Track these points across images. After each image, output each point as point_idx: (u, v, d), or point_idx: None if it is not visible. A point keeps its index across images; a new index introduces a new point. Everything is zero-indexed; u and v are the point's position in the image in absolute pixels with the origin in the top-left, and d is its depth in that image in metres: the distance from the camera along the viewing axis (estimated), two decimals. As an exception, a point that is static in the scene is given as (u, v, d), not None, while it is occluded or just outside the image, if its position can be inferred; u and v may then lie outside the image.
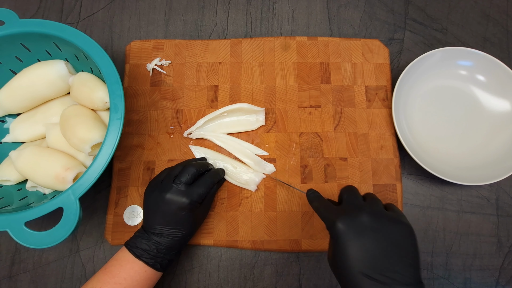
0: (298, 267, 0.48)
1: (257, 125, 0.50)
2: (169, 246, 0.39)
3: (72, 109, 0.44)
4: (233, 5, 0.57)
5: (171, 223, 0.39)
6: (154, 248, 0.38)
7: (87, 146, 0.41)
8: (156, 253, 0.38)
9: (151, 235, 0.39)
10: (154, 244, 0.38)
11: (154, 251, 0.38)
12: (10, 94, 0.45)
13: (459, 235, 0.50)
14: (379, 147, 0.51)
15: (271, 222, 0.48)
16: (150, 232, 0.39)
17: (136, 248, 0.38)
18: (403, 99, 0.52)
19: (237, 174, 0.49)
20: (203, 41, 0.54)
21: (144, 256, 0.38)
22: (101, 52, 0.40)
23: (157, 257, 0.38)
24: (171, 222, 0.39)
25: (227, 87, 0.52)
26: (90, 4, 0.57)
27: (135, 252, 0.38)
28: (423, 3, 0.58)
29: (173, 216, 0.39)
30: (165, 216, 0.39)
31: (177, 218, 0.39)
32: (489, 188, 0.52)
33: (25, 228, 0.36)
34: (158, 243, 0.39)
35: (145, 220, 0.41)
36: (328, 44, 0.54)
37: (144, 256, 0.38)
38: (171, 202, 0.39)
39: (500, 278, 0.48)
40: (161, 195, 0.39)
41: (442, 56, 0.52)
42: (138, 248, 0.38)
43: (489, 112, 0.53)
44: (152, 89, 0.52)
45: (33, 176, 0.42)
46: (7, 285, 0.47)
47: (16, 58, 0.46)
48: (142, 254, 0.38)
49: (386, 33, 0.57)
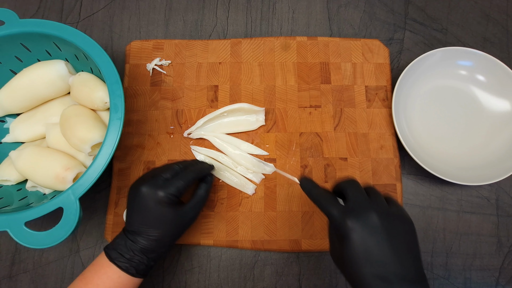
0: (298, 267, 0.48)
1: (257, 125, 0.50)
2: (144, 248, 0.36)
3: (72, 109, 0.44)
4: (233, 5, 0.57)
5: (146, 220, 0.36)
6: (129, 250, 0.35)
7: (87, 146, 0.41)
8: (132, 255, 0.35)
9: (128, 235, 0.36)
10: (129, 246, 0.36)
11: (129, 253, 0.35)
12: (10, 94, 0.45)
13: (459, 235, 0.50)
14: (379, 147, 0.51)
15: (271, 222, 0.48)
16: (128, 231, 0.37)
17: (112, 250, 0.36)
18: (403, 99, 0.52)
19: (237, 175, 0.49)
20: (203, 41, 0.54)
21: (118, 259, 0.35)
22: (101, 52, 0.40)
23: (132, 260, 0.35)
24: (146, 219, 0.36)
25: (227, 87, 0.52)
26: (90, 4, 0.57)
27: (110, 255, 0.35)
28: (423, 3, 0.58)
29: (149, 212, 0.36)
30: (141, 211, 0.36)
31: (153, 214, 0.36)
32: (489, 188, 0.52)
33: (25, 228, 0.36)
34: (133, 243, 0.36)
35: (126, 219, 0.38)
36: (328, 44, 0.54)
37: (118, 260, 0.35)
38: (147, 196, 0.36)
39: (500, 278, 0.48)
40: (138, 189, 0.37)
41: (442, 56, 0.52)
42: (114, 251, 0.36)
43: (489, 112, 0.53)
44: (152, 89, 0.52)
45: (33, 176, 0.42)
46: (7, 285, 0.47)
47: (16, 58, 0.46)
48: (117, 257, 0.35)
49: (386, 33, 0.57)
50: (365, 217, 0.30)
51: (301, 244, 0.47)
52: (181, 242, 0.47)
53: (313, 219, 0.48)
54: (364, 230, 0.29)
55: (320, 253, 0.48)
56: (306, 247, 0.47)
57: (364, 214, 0.30)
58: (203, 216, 0.48)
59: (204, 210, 0.48)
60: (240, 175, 0.49)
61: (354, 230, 0.29)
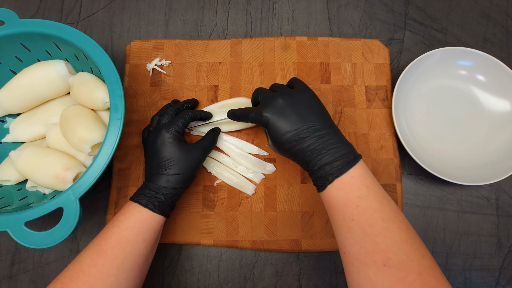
0: (298, 267, 0.48)
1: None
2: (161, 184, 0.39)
3: (72, 109, 0.44)
4: (233, 5, 0.57)
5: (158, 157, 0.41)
6: (149, 189, 0.39)
7: (87, 146, 0.41)
8: (151, 193, 0.39)
9: (148, 180, 0.41)
10: (149, 186, 0.39)
11: (149, 192, 0.39)
12: (10, 94, 0.45)
13: (459, 235, 0.50)
14: (379, 147, 0.51)
15: (271, 222, 0.48)
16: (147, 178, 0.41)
17: (136, 194, 0.40)
18: (403, 99, 0.52)
19: (237, 175, 0.49)
20: (203, 41, 0.54)
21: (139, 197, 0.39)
22: (101, 52, 0.40)
23: (151, 197, 0.39)
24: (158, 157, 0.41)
25: (227, 87, 0.52)
26: (90, 4, 0.57)
27: (133, 197, 0.39)
28: (423, 3, 0.58)
29: (158, 151, 0.41)
30: (153, 154, 0.41)
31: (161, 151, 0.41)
32: (489, 188, 0.52)
33: (25, 228, 0.36)
34: (151, 183, 0.40)
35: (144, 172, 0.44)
36: (328, 44, 0.54)
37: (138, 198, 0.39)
38: (154, 139, 0.42)
39: (500, 278, 0.48)
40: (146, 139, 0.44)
41: (442, 56, 0.52)
42: (136, 193, 0.40)
43: (489, 112, 0.53)
44: (152, 89, 0.52)
45: (33, 176, 0.42)
46: (7, 285, 0.47)
47: (16, 58, 0.46)
48: (138, 197, 0.39)
49: (386, 33, 0.57)
50: (272, 104, 0.38)
51: (301, 244, 0.47)
52: (181, 242, 0.47)
53: (313, 219, 0.48)
54: (275, 113, 0.38)
55: (320, 253, 0.48)
56: (306, 247, 0.47)
57: (271, 103, 0.39)
58: (203, 216, 0.48)
59: (204, 210, 0.48)
60: (240, 175, 0.49)
61: (268, 117, 0.38)
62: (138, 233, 0.37)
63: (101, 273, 0.34)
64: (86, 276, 0.33)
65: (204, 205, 0.48)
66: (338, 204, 0.34)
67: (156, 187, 0.39)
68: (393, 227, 0.31)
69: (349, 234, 0.32)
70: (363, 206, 0.32)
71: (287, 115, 0.37)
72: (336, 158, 0.34)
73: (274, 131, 0.38)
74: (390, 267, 0.29)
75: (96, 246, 0.36)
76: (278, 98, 0.39)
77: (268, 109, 0.38)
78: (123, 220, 0.37)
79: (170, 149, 0.41)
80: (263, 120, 0.38)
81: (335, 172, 0.34)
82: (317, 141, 0.36)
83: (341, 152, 0.35)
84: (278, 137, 0.37)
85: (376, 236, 0.31)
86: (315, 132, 0.36)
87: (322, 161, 0.35)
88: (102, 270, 0.34)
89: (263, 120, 0.38)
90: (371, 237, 0.31)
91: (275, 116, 0.38)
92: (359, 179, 0.34)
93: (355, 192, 0.33)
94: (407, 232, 0.31)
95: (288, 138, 0.37)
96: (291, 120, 0.37)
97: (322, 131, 0.36)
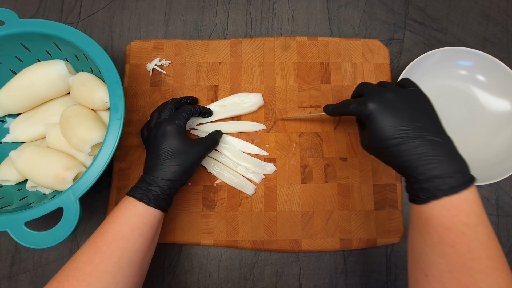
0: (298, 267, 0.48)
1: (259, 127, 0.51)
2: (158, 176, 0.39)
3: (72, 109, 0.44)
4: (233, 5, 0.57)
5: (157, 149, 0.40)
6: (145, 184, 0.38)
7: (87, 146, 0.41)
8: (147, 186, 0.38)
9: (145, 176, 0.40)
10: (145, 179, 0.39)
11: (145, 186, 0.38)
12: (10, 94, 0.45)
13: (459, 235, 0.50)
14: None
15: (271, 222, 0.48)
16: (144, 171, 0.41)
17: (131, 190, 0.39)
18: (403, 99, 0.52)
19: (237, 175, 0.49)
20: (203, 41, 0.54)
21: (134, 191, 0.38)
22: (101, 52, 0.40)
23: (147, 190, 0.38)
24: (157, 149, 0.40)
25: (227, 87, 0.52)
26: (90, 4, 0.57)
27: (129, 191, 0.39)
28: (423, 3, 0.58)
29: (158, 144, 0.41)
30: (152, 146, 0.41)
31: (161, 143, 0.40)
32: (489, 188, 0.52)
33: (25, 228, 0.36)
34: (147, 175, 0.39)
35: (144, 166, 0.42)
36: (328, 44, 0.54)
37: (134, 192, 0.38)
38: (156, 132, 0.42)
39: (500, 278, 0.48)
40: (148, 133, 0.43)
41: (442, 56, 0.52)
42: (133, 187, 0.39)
43: (489, 112, 0.53)
44: (152, 89, 0.52)
45: (33, 176, 0.42)
46: (7, 285, 0.47)
47: (16, 58, 0.46)
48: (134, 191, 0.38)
49: (386, 33, 0.57)
50: (380, 96, 0.34)
51: (301, 244, 0.47)
52: (181, 242, 0.47)
53: (313, 219, 0.48)
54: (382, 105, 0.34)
55: (320, 253, 0.48)
56: (306, 247, 0.47)
57: (379, 94, 0.35)
58: (203, 216, 0.48)
59: (204, 210, 0.48)
60: (240, 175, 0.49)
61: (373, 108, 0.34)
62: (134, 228, 0.36)
63: (97, 271, 0.33)
64: (82, 274, 0.33)
65: (204, 205, 0.48)
66: (438, 225, 0.30)
67: (152, 179, 0.39)
68: (498, 268, 0.28)
69: (443, 260, 0.29)
70: (469, 236, 0.29)
71: (395, 109, 0.33)
72: (450, 173, 0.30)
73: (376, 124, 0.33)
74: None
75: (92, 244, 0.35)
76: (388, 92, 0.35)
77: (375, 100, 0.34)
78: (118, 216, 0.36)
79: (171, 140, 0.41)
80: (367, 110, 0.34)
81: (447, 189, 0.30)
82: (428, 146, 0.31)
83: (456, 168, 0.31)
84: (379, 132, 0.33)
85: (477, 273, 0.28)
86: (427, 135, 0.32)
87: (432, 172, 0.30)
88: (98, 268, 0.33)
89: (366, 110, 0.34)
90: (470, 272, 0.28)
91: (381, 108, 0.33)
92: (471, 204, 0.30)
93: (464, 218, 0.29)
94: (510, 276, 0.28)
95: (392, 134, 0.32)
96: (400, 115, 0.33)
97: (435, 137, 0.32)
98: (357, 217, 0.48)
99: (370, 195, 0.49)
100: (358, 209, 0.49)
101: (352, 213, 0.49)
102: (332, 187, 0.49)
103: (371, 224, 0.48)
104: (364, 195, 0.49)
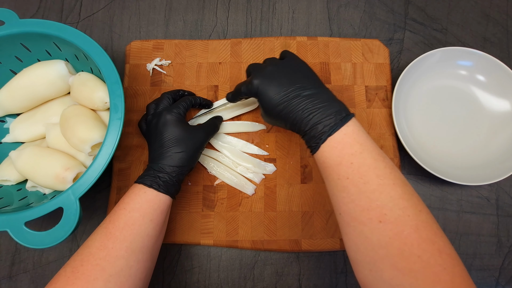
0: (298, 267, 0.48)
1: (259, 127, 0.51)
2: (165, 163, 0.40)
3: (72, 109, 0.44)
4: (233, 5, 0.57)
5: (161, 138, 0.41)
6: (153, 172, 0.39)
7: (87, 146, 0.41)
8: (155, 173, 0.39)
9: (152, 164, 0.40)
10: (153, 167, 0.40)
11: (153, 173, 0.39)
12: (10, 94, 0.45)
13: (459, 235, 0.50)
14: (379, 147, 0.51)
15: (271, 222, 0.48)
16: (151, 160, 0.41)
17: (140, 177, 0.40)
18: (403, 99, 0.52)
19: (237, 175, 0.49)
20: (203, 41, 0.54)
21: (143, 178, 0.39)
22: (101, 52, 0.40)
23: (155, 177, 0.39)
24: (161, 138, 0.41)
25: (227, 87, 0.52)
26: (90, 4, 0.57)
27: (138, 179, 0.39)
28: (423, 3, 0.58)
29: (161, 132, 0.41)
30: (155, 136, 0.42)
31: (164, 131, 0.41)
32: (489, 188, 0.52)
33: (25, 228, 0.36)
34: (155, 163, 0.40)
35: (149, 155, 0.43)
36: (328, 44, 0.54)
37: (143, 179, 0.39)
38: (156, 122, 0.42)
39: (500, 278, 0.48)
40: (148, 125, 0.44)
41: (442, 56, 0.52)
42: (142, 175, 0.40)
43: (489, 112, 0.53)
44: (152, 89, 0.52)
45: (33, 176, 0.42)
46: (7, 285, 0.47)
47: (16, 58, 0.46)
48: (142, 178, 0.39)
49: (386, 33, 0.57)
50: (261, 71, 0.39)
51: (301, 244, 0.47)
52: (181, 242, 0.47)
53: (313, 219, 0.48)
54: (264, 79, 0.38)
55: (320, 253, 0.48)
56: (306, 247, 0.47)
57: (260, 71, 0.39)
58: (203, 216, 0.48)
59: (204, 210, 0.48)
60: (240, 175, 0.49)
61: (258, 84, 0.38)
62: (145, 214, 0.37)
63: (111, 256, 0.34)
64: (96, 259, 0.33)
65: (204, 205, 0.48)
66: (332, 164, 0.33)
67: (160, 167, 0.39)
68: (388, 183, 0.30)
69: (344, 193, 0.32)
70: (357, 163, 0.31)
71: (276, 79, 0.37)
72: (329, 116, 0.34)
73: (263, 97, 0.38)
74: (386, 223, 0.29)
75: (104, 229, 0.35)
76: (267, 66, 0.39)
77: (257, 76, 0.38)
78: (128, 202, 0.37)
79: (173, 128, 0.41)
80: (253, 88, 0.38)
81: (328, 130, 0.33)
82: (306, 100, 0.35)
83: (332, 110, 0.34)
84: (268, 102, 0.37)
85: (371, 193, 0.30)
86: (304, 91, 0.36)
87: (313, 120, 0.34)
88: (111, 252, 0.34)
89: (253, 88, 0.38)
90: (366, 194, 0.30)
91: (264, 82, 0.38)
92: (352, 136, 0.33)
93: (349, 150, 0.32)
94: (403, 188, 0.31)
95: (277, 101, 0.36)
96: (280, 83, 0.37)
97: (311, 91, 0.36)
98: (357, 217, 0.48)
99: (370, 195, 0.49)
100: (358, 209, 0.49)
101: (352, 213, 0.48)
102: (332, 187, 0.49)
103: (371, 224, 0.48)
104: (364, 195, 0.49)
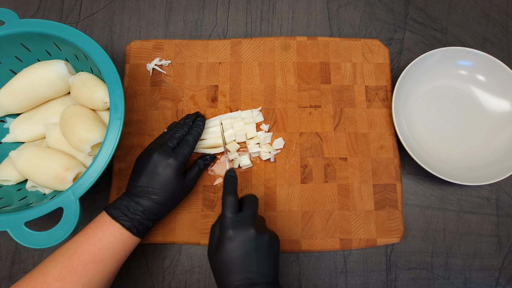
0: (298, 267, 0.48)
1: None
2: (147, 209, 0.39)
3: (72, 109, 0.44)
4: (233, 5, 0.57)
5: (153, 183, 0.39)
6: (131, 210, 0.38)
7: (87, 146, 0.41)
8: (133, 215, 0.38)
9: (132, 197, 0.39)
10: (132, 206, 0.38)
11: (131, 214, 0.38)
12: (10, 94, 0.45)
13: (459, 235, 0.50)
14: (379, 147, 0.51)
15: (271, 222, 0.48)
16: (131, 193, 0.39)
17: (114, 210, 0.38)
18: (403, 99, 0.52)
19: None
20: (203, 41, 0.54)
21: (121, 217, 0.37)
22: (101, 52, 0.40)
23: (133, 220, 0.38)
24: (154, 182, 0.39)
25: (227, 87, 0.52)
26: (90, 4, 0.57)
27: (113, 213, 0.38)
28: (423, 3, 0.58)
29: (157, 176, 0.40)
30: (150, 175, 0.40)
31: (161, 178, 0.40)
32: (489, 188, 0.52)
33: (25, 228, 0.36)
34: (136, 204, 0.39)
35: (129, 183, 0.41)
36: (328, 44, 0.54)
37: (121, 218, 0.37)
38: (158, 162, 0.40)
39: (500, 278, 0.48)
40: (148, 156, 0.41)
41: (442, 56, 0.52)
42: (116, 210, 0.38)
43: (489, 112, 0.53)
44: (152, 89, 0.52)
45: (33, 176, 0.42)
46: (7, 285, 0.47)
47: (16, 58, 0.46)
48: (120, 216, 0.38)
49: (386, 33, 0.57)
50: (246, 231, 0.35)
51: (301, 244, 0.47)
52: (181, 242, 0.47)
53: (313, 219, 0.48)
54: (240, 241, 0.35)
55: (320, 253, 0.48)
56: (306, 247, 0.47)
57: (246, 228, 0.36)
58: (203, 216, 0.48)
59: (204, 210, 0.48)
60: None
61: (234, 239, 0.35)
62: (114, 253, 0.36)
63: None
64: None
65: (204, 205, 0.48)
66: None
67: (141, 211, 0.38)
68: None
69: None
70: None
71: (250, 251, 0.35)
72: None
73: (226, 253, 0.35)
74: None
75: (67, 260, 0.35)
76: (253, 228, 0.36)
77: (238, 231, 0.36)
78: (101, 239, 0.36)
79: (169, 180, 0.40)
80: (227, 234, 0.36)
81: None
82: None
83: None
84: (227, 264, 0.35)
85: None
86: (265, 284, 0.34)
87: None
88: (67, 286, 0.33)
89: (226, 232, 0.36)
90: None
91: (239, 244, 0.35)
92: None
93: None
94: None
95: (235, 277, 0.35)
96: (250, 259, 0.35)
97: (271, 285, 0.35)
98: (357, 217, 0.48)
99: (370, 195, 0.49)
100: (358, 209, 0.49)
101: (352, 213, 0.49)
102: (332, 187, 0.49)
103: (371, 224, 0.48)
104: (364, 195, 0.49)
